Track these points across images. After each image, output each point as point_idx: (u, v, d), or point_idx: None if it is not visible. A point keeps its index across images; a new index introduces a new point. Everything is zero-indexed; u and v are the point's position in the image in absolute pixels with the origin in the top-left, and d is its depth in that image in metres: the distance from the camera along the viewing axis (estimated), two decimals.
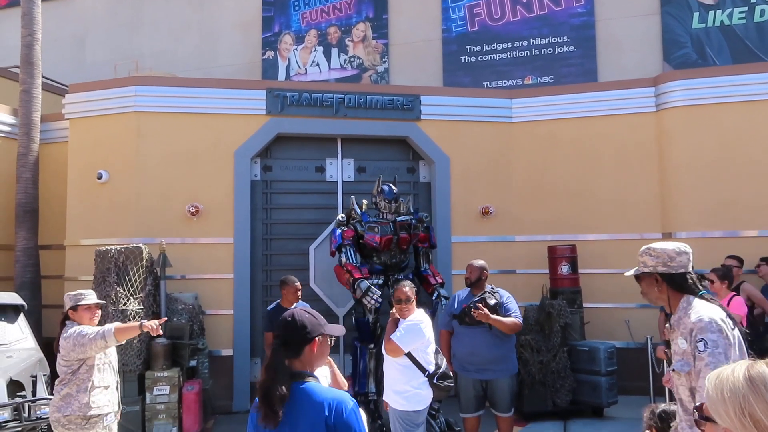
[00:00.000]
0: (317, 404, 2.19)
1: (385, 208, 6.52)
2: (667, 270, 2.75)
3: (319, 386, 2.29)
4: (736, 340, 2.56)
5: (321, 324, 2.39)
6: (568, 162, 8.20)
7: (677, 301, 2.75)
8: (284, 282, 6.06)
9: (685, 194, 7.77)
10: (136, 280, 6.50)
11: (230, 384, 7.42)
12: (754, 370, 1.26)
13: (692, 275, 2.75)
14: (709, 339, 2.51)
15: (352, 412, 2.20)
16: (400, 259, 6.61)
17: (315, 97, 7.95)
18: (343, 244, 6.45)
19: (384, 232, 6.40)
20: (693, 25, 11.25)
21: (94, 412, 4.13)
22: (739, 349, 2.57)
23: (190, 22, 13.83)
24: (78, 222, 7.61)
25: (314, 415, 2.18)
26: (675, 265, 2.75)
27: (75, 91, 7.92)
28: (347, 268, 6.34)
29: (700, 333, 2.53)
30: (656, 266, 2.79)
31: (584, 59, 11.73)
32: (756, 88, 7.69)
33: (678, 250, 2.76)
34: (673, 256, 2.76)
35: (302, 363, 2.31)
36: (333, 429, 2.16)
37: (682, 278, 2.73)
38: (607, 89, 8.39)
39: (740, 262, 6.93)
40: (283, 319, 2.37)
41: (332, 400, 2.20)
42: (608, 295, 7.89)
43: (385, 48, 12.97)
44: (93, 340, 4.09)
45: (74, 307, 4.32)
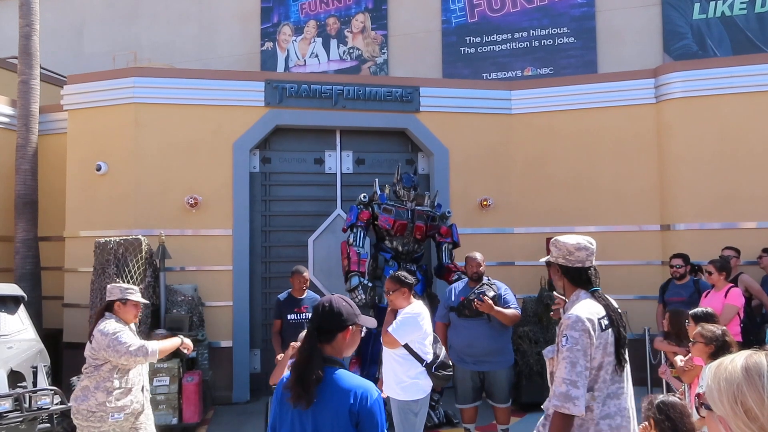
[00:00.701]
0: (344, 391, 2.24)
1: (404, 196, 6.57)
2: (565, 263, 2.88)
3: (348, 373, 2.33)
4: (604, 341, 2.73)
5: (356, 314, 2.43)
6: (567, 154, 8.20)
7: (570, 293, 2.91)
8: (293, 272, 6.17)
9: (684, 186, 7.77)
10: (135, 272, 6.52)
11: (230, 375, 7.45)
12: (752, 360, 1.27)
13: (590, 271, 2.88)
14: (570, 336, 2.68)
15: (376, 402, 2.26)
16: (413, 249, 6.58)
17: (314, 88, 7.93)
18: (355, 224, 6.47)
19: (399, 215, 6.43)
20: (693, 16, 11.21)
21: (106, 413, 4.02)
22: (603, 349, 2.73)
23: (188, 13, 13.77)
24: (77, 213, 7.61)
25: (340, 402, 2.23)
26: (572, 259, 2.87)
27: (73, 82, 7.90)
28: (350, 252, 6.34)
29: (566, 329, 2.71)
30: (557, 258, 2.91)
31: (584, 50, 11.69)
32: (756, 79, 7.67)
33: (578, 246, 2.87)
34: (571, 251, 2.87)
35: (333, 349, 2.35)
36: (356, 416, 2.22)
37: (576, 272, 2.87)
38: (607, 81, 8.37)
39: (738, 253, 6.95)
40: (321, 304, 2.41)
41: (358, 388, 2.25)
42: (606, 286, 7.83)
43: (384, 39, 12.92)
44: (133, 354, 3.94)
45: (124, 300, 4.17)
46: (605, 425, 2.72)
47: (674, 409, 2.55)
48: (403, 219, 6.43)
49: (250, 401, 7.39)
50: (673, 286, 6.53)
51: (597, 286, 2.91)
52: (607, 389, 2.77)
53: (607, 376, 2.77)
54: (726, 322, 5.19)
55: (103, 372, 4.02)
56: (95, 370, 4.02)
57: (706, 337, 3.48)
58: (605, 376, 2.77)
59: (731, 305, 5.48)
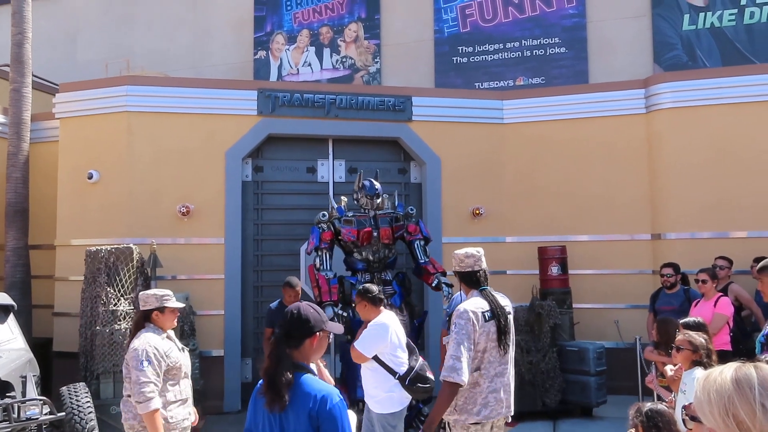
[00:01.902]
0: (306, 395, 2.31)
1: (366, 204, 6.34)
2: (459, 269, 3.63)
3: (312, 378, 2.39)
4: (487, 330, 3.46)
5: (323, 320, 2.50)
6: (558, 163, 8.24)
7: (467, 293, 3.67)
8: (285, 284, 6.19)
9: (674, 195, 7.83)
10: (126, 281, 6.50)
11: (221, 384, 7.41)
12: (741, 371, 1.27)
13: (478, 273, 3.59)
14: (458, 323, 3.43)
15: (336, 406, 2.31)
16: (385, 255, 6.37)
17: (306, 97, 7.95)
18: (319, 247, 6.25)
19: (361, 224, 6.21)
20: (683, 27, 11.32)
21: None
22: (487, 336, 3.45)
23: (182, 21, 13.79)
24: (68, 222, 7.58)
25: (302, 405, 2.29)
26: (464, 265, 3.61)
27: (66, 90, 7.89)
28: (319, 280, 6.13)
29: (455, 318, 3.47)
30: (454, 267, 3.68)
31: (576, 61, 11.78)
32: (745, 90, 7.75)
33: (466, 254, 3.62)
34: (462, 259, 3.62)
35: (301, 355, 2.42)
36: (316, 420, 2.28)
37: (467, 276, 3.61)
38: (598, 91, 8.44)
39: (729, 262, 6.99)
40: (289, 311, 2.48)
41: (319, 392, 2.32)
42: (598, 295, 7.94)
43: (377, 48, 12.98)
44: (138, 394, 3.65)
45: (162, 308, 3.95)
46: (492, 398, 3.48)
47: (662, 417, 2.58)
48: (366, 227, 6.22)
49: (241, 411, 7.35)
50: (663, 295, 6.57)
51: (485, 286, 3.59)
52: (493, 370, 3.51)
53: (492, 359, 3.50)
54: (715, 331, 5.22)
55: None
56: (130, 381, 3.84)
57: (694, 345, 3.50)
58: (490, 358, 3.50)
59: (720, 314, 5.51)
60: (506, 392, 3.56)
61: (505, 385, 3.56)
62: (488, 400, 3.48)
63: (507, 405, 3.57)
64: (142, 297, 4.00)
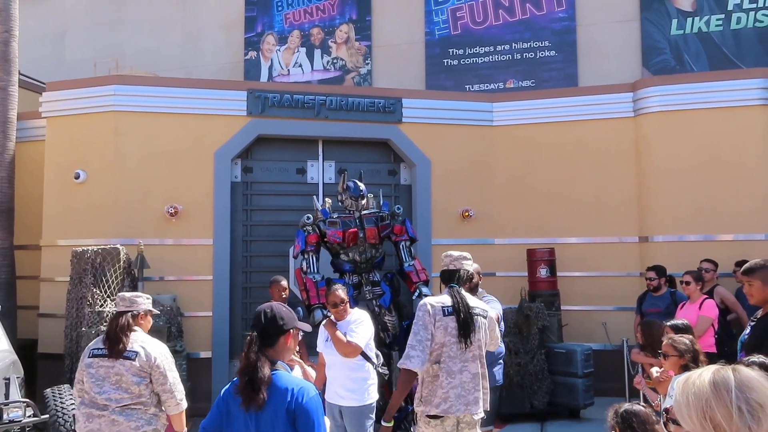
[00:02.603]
0: (282, 390, 2.37)
1: (351, 206, 6.30)
2: (443, 267, 3.92)
3: (286, 374, 2.45)
4: (445, 324, 3.65)
5: (294, 318, 2.61)
6: (547, 166, 8.28)
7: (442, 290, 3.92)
8: (272, 281, 6.21)
9: (662, 198, 7.88)
10: (113, 282, 6.45)
11: (209, 386, 7.36)
12: (719, 374, 1.28)
13: (455, 274, 3.83)
14: (417, 314, 3.72)
15: (311, 400, 2.37)
16: (372, 255, 6.31)
17: (296, 98, 7.94)
18: (305, 250, 6.20)
19: (346, 225, 6.16)
20: (671, 32, 11.41)
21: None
22: (444, 330, 3.64)
23: (172, 21, 13.71)
24: (54, 222, 7.51)
25: (278, 400, 2.35)
26: (442, 264, 3.93)
27: (53, 89, 7.82)
28: (307, 284, 6.10)
29: (417, 310, 3.75)
30: (443, 266, 3.94)
31: (565, 64, 11.84)
32: (732, 94, 7.83)
33: (445, 254, 3.95)
34: (442, 258, 3.95)
35: (275, 352, 2.50)
36: (293, 414, 2.33)
37: (445, 274, 3.89)
38: (587, 94, 8.49)
39: (715, 265, 7.05)
40: (262, 310, 2.56)
41: (295, 386, 2.39)
42: (586, 297, 7.98)
43: (368, 50, 12.97)
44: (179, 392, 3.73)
45: (148, 311, 3.92)
46: (452, 393, 3.59)
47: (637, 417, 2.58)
48: (351, 227, 6.17)
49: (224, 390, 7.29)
50: (650, 298, 6.61)
51: (454, 284, 3.80)
52: (454, 365, 3.62)
53: (452, 354, 3.63)
54: (700, 333, 5.26)
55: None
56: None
57: (680, 350, 3.51)
58: (450, 353, 3.63)
59: (705, 317, 5.55)
60: (467, 390, 3.63)
61: (465, 383, 3.63)
62: (448, 395, 3.59)
63: (469, 402, 3.62)
64: (130, 298, 3.89)
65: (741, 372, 1.27)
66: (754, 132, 7.73)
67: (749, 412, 1.20)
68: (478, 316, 3.75)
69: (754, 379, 1.24)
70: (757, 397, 1.21)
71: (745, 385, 1.23)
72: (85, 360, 3.74)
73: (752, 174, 7.65)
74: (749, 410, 1.20)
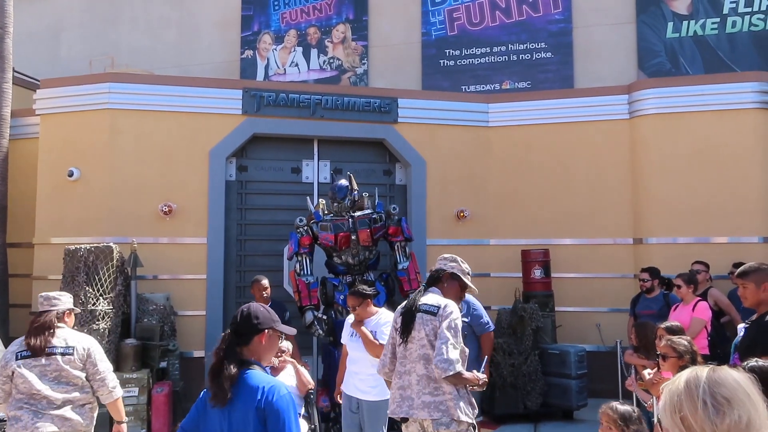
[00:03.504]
0: (253, 389, 2.36)
1: (338, 208, 6.25)
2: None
3: (259, 373, 2.44)
4: (396, 322, 3.70)
5: (273, 319, 2.58)
6: (542, 167, 8.28)
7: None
8: (252, 281, 6.27)
9: (656, 201, 7.90)
10: (106, 280, 6.41)
11: (202, 386, 7.30)
12: (693, 374, 1.31)
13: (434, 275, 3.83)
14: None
15: (282, 398, 2.35)
16: (365, 257, 6.28)
17: (292, 97, 7.92)
18: (298, 252, 6.18)
19: (338, 228, 6.11)
20: (667, 35, 11.44)
21: None
22: (395, 329, 3.71)
23: (168, 19, 13.67)
24: (48, 220, 7.47)
25: (249, 399, 2.34)
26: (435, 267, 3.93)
27: (47, 86, 7.78)
28: (299, 286, 6.10)
29: None
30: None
31: (561, 66, 11.86)
32: (727, 97, 7.85)
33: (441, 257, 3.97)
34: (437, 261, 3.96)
35: (250, 352, 2.49)
36: (263, 412, 2.32)
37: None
38: (582, 96, 8.51)
39: (707, 267, 7.06)
40: (240, 310, 2.58)
41: (266, 384, 2.38)
42: (580, 299, 7.99)
43: (364, 50, 12.96)
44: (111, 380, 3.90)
45: (71, 309, 4.01)
46: (398, 394, 3.58)
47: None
48: (343, 231, 6.11)
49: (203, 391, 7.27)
50: (643, 300, 6.61)
51: (425, 286, 3.80)
52: (401, 366, 3.59)
53: (400, 354, 3.62)
54: (693, 335, 5.26)
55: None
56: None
57: (679, 351, 3.51)
58: (398, 353, 3.63)
59: (698, 319, 5.56)
60: (414, 392, 3.47)
61: (410, 385, 3.50)
62: (394, 396, 3.55)
63: (415, 406, 3.43)
64: (53, 297, 3.91)
65: (717, 370, 1.29)
66: (749, 135, 7.75)
67: (713, 406, 1.21)
68: (424, 312, 3.55)
69: (729, 376, 1.26)
70: (725, 393, 1.23)
71: (715, 381, 1.25)
72: (11, 365, 3.70)
73: (747, 177, 7.67)
74: (714, 404, 1.21)
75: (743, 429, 1.19)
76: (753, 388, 1.24)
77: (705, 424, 1.21)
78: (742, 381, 1.25)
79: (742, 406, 1.21)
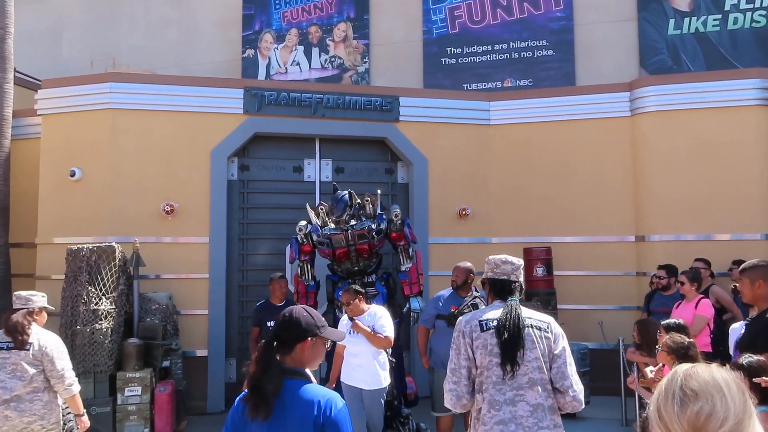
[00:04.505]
0: (307, 402, 2.20)
1: (340, 221, 6.02)
2: (493, 276, 3.14)
3: (312, 386, 2.29)
4: (483, 341, 2.91)
5: (317, 325, 2.35)
6: (544, 165, 8.27)
7: (491, 302, 3.21)
8: (270, 278, 6.34)
9: (658, 198, 7.88)
10: (108, 280, 6.42)
11: (205, 384, 7.36)
12: (675, 369, 1.32)
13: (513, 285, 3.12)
14: (453, 337, 3.04)
15: (340, 412, 2.22)
16: (366, 265, 6.17)
17: (293, 96, 7.92)
18: (300, 259, 6.10)
19: (338, 244, 5.93)
20: (669, 32, 11.42)
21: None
22: (484, 349, 2.90)
23: (169, 19, 13.68)
24: (50, 220, 7.49)
25: (303, 413, 2.18)
26: (498, 272, 3.13)
27: (48, 86, 7.80)
28: (299, 286, 6.11)
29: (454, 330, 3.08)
30: (487, 272, 3.19)
31: (563, 63, 11.84)
32: (728, 94, 7.83)
33: (504, 260, 3.15)
34: (498, 264, 3.14)
35: (294, 360, 2.30)
36: (321, 427, 2.17)
37: (498, 284, 3.13)
38: (583, 93, 8.49)
39: (708, 264, 7.05)
40: (282, 314, 2.38)
41: (321, 398, 2.22)
42: (582, 296, 7.98)
43: (366, 48, 12.96)
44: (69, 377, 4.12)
45: (43, 308, 4.30)
46: (497, 430, 2.79)
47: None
48: (342, 246, 5.94)
49: (225, 411, 7.29)
50: (659, 297, 6.58)
51: (514, 297, 3.05)
52: (500, 395, 2.83)
53: (495, 379, 2.84)
54: (696, 333, 5.26)
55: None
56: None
57: (669, 347, 3.56)
58: (493, 379, 2.84)
59: (701, 316, 5.55)
60: (519, 426, 2.79)
61: (520, 417, 2.80)
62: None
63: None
64: (26, 296, 4.20)
65: (696, 366, 1.29)
66: (751, 132, 7.73)
67: (680, 398, 1.22)
68: (532, 327, 2.94)
69: (704, 371, 1.26)
70: (694, 386, 1.23)
71: (688, 375, 1.26)
72: None
73: (749, 174, 7.66)
74: (681, 396, 1.23)
75: (703, 420, 1.19)
76: (732, 384, 1.23)
77: (672, 416, 1.22)
78: (719, 376, 1.24)
79: (707, 398, 1.21)
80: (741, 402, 1.21)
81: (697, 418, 1.19)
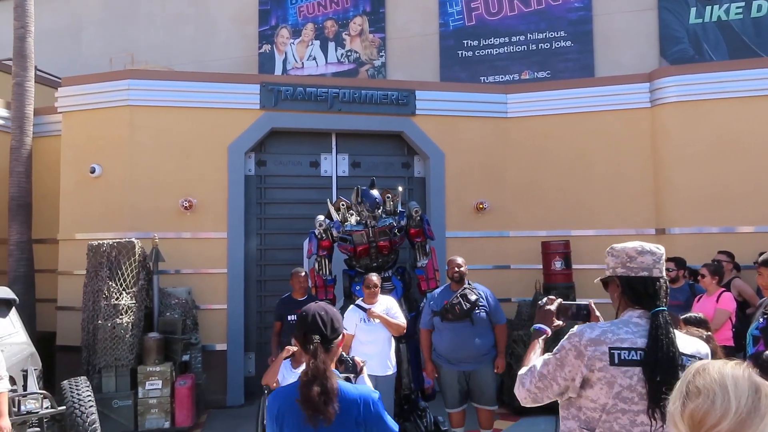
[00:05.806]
0: (350, 401, 2.20)
1: (367, 217, 5.95)
2: (626, 272, 2.26)
3: (348, 384, 2.32)
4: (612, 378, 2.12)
5: (341, 318, 2.42)
6: (562, 157, 8.18)
7: (622, 310, 2.29)
8: (292, 273, 6.39)
9: (679, 190, 7.76)
10: (128, 275, 6.51)
11: (224, 378, 7.43)
12: (690, 369, 1.31)
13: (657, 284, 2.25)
14: (563, 344, 2.24)
15: (378, 404, 2.24)
16: (385, 261, 6.15)
17: (309, 91, 7.92)
18: (318, 254, 6.10)
19: (359, 240, 5.94)
20: (690, 21, 11.21)
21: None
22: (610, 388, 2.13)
23: (186, 15, 13.77)
24: (71, 216, 7.60)
25: (347, 412, 2.18)
26: (634, 266, 2.24)
27: (68, 84, 7.89)
28: (317, 280, 6.12)
29: (565, 337, 2.27)
30: (616, 268, 2.29)
31: (581, 54, 11.70)
32: (751, 84, 7.66)
33: (640, 250, 2.26)
34: (633, 256, 2.25)
35: (330, 359, 2.28)
36: (363, 424, 2.19)
37: (640, 283, 2.24)
38: (602, 85, 8.37)
39: (731, 257, 6.92)
40: (317, 315, 2.29)
41: (359, 396, 2.23)
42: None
43: (382, 42, 12.92)
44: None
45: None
46: None
47: None
48: (363, 243, 5.94)
49: (244, 405, 7.37)
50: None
51: (661, 307, 2.18)
52: None
53: (622, 423, 2.09)
54: (717, 326, 5.18)
55: None
56: None
57: None
58: (619, 423, 2.10)
59: (723, 310, 5.46)
60: None
61: None
62: None
63: None
64: None
65: (709, 363, 1.27)
66: None
67: (685, 394, 1.22)
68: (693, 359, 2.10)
69: (714, 368, 1.23)
70: (700, 382, 1.22)
71: (698, 372, 1.24)
72: None
73: None
74: (686, 392, 1.22)
75: (700, 417, 1.17)
76: (742, 382, 1.19)
77: (676, 411, 1.22)
78: (729, 373, 1.21)
79: (707, 395, 1.18)
80: (748, 400, 1.17)
81: (694, 414, 1.18)
